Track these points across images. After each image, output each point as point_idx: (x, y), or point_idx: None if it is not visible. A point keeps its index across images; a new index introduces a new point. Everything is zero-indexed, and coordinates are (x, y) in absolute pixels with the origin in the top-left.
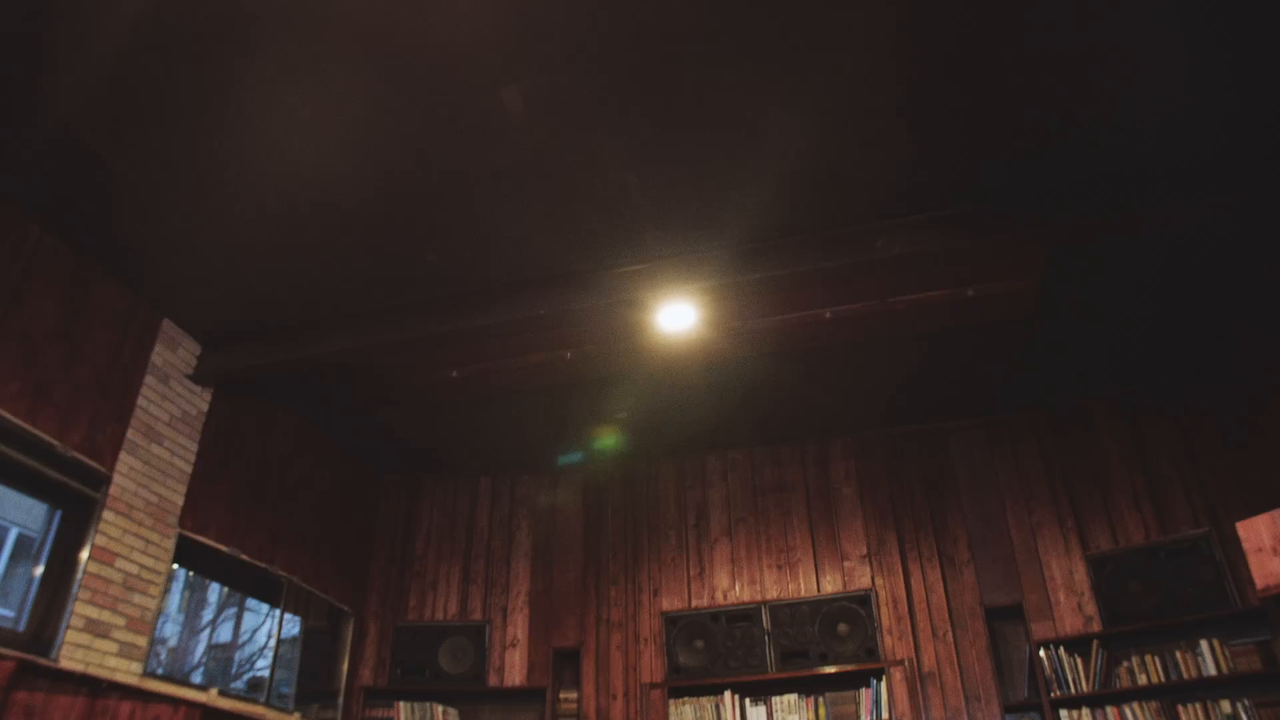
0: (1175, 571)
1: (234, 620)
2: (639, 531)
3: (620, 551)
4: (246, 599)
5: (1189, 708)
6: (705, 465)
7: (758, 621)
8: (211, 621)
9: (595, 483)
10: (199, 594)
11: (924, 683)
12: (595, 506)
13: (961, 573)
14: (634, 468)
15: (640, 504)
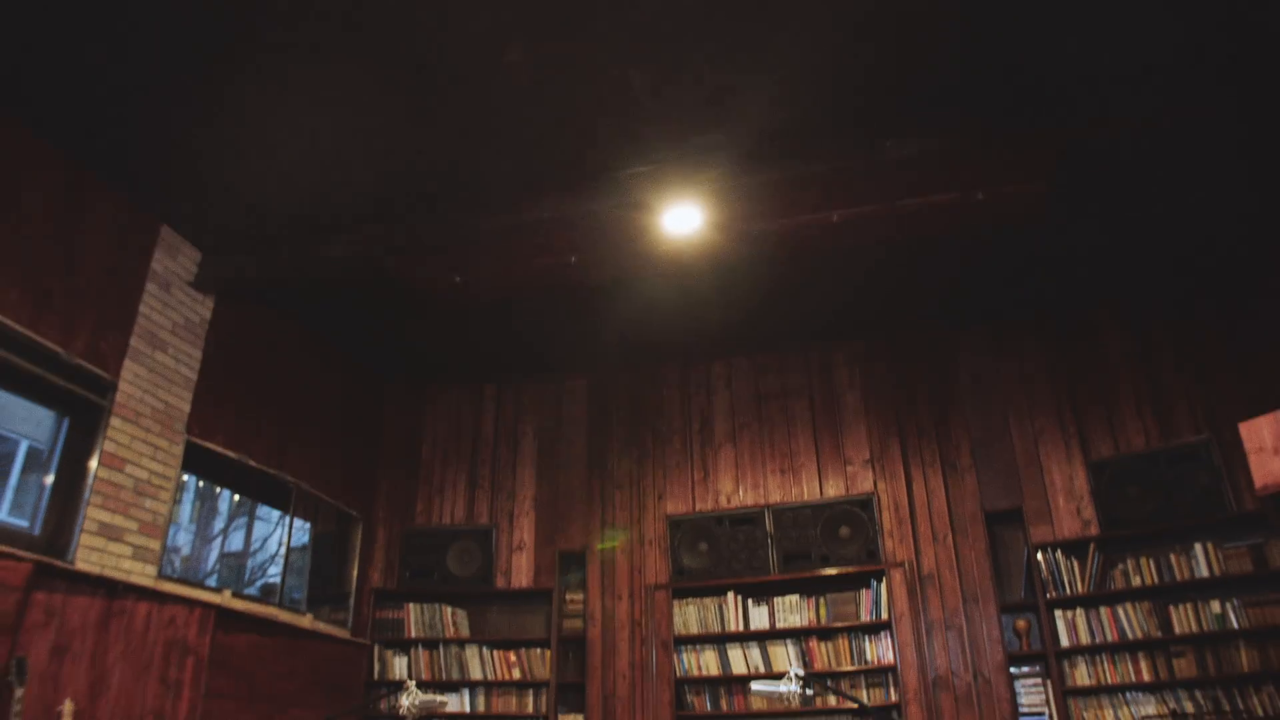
0: (1174, 477)
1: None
2: (643, 437)
3: (625, 457)
4: (257, 508)
5: (1180, 608)
6: (710, 372)
7: (761, 525)
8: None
9: (600, 389)
10: (209, 503)
11: (923, 584)
12: (600, 412)
13: (963, 478)
14: (639, 374)
15: (645, 410)
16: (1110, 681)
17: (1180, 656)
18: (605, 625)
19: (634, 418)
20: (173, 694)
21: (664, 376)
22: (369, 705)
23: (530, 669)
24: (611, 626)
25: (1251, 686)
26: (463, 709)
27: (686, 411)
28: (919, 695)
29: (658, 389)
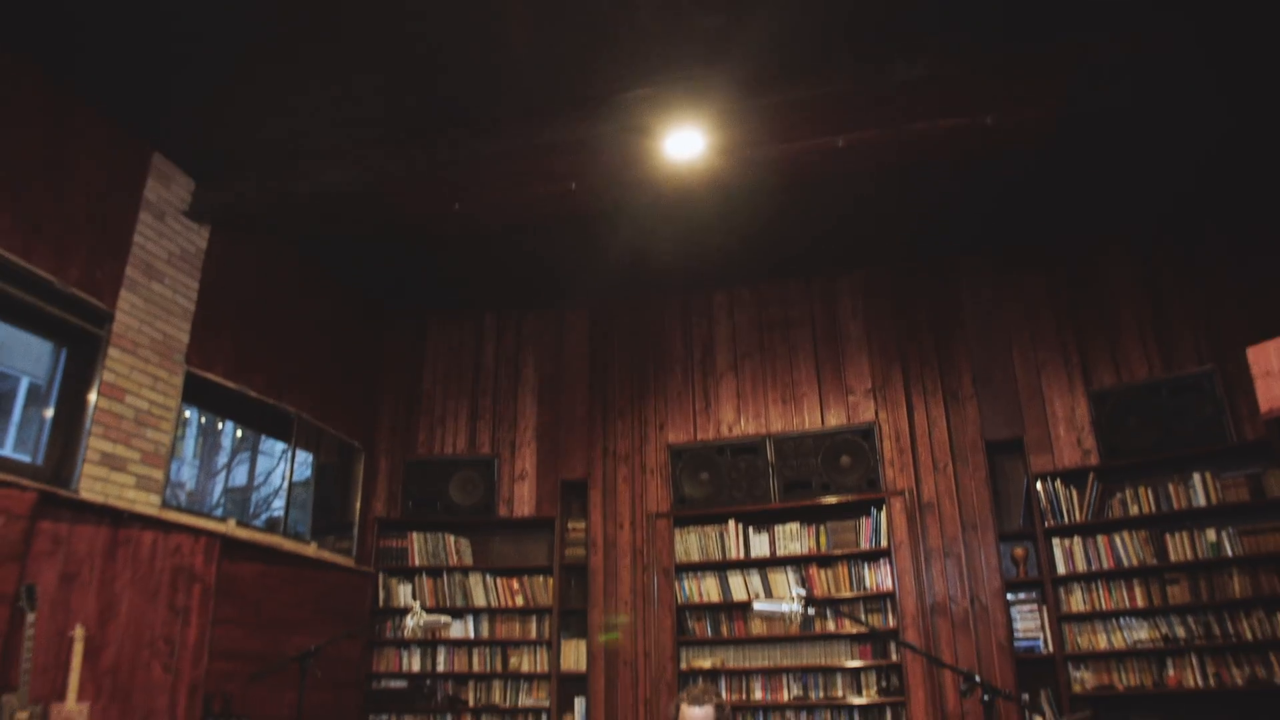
0: (1175, 408)
1: (249, 463)
2: (645, 367)
3: (626, 386)
4: (260, 442)
5: (1176, 536)
6: (712, 301)
7: (762, 454)
8: (226, 465)
9: (601, 319)
10: (212, 439)
11: (923, 512)
12: (601, 342)
13: (964, 407)
14: (640, 304)
15: (646, 340)
16: (1104, 607)
17: (1174, 584)
18: (607, 553)
19: (635, 347)
20: (181, 620)
21: (665, 306)
22: (375, 630)
23: (533, 596)
24: (613, 554)
25: (1242, 611)
26: (467, 635)
27: (688, 341)
28: (916, 621)
29: (659, 319)
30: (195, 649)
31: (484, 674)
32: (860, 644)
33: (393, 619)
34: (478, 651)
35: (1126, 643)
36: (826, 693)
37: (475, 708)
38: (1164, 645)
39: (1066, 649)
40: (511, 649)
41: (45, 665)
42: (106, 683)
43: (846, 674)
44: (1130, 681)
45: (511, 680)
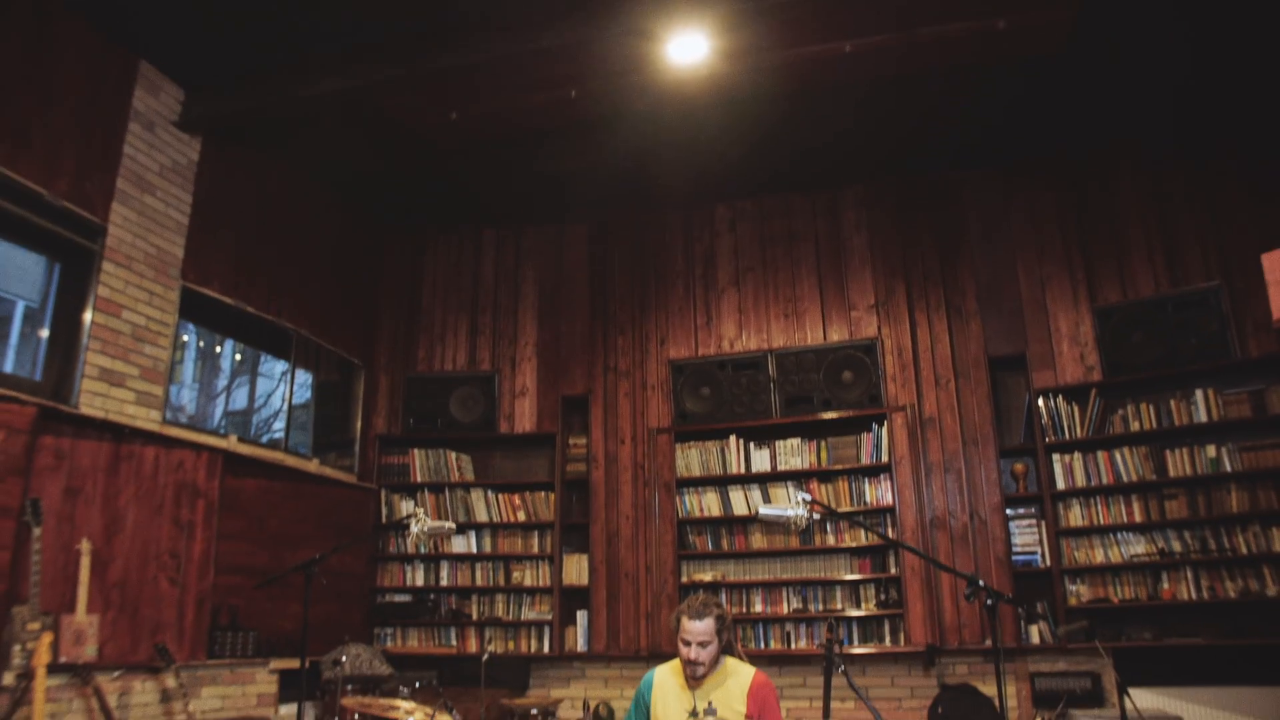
0: (1180, 324)
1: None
2: (646, 281)
3: (627, 301)
4: (260, 363)
5: (1176, 452)
6: (714, 215)
7: (764, 369)
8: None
9: (601, 233)
10: (211, 362)
11: (924, 428)
12: (601, 257)
13: (968, 323)
14: (641, 218)
15: (647, 254)
16: (1102, 522)
17: (1172, 499)
18: (608, 468)
19: (636, 262)
20: (186, 535)
21: (666, 220)
22: (378, 545)
23: (535, 511)
24: (614, 470)
25: (1238, 526)
26: (469, 549)
27: (689, 255)
28: (916, 535)
29: (660, 233)
30: (201, 563)
31: (487, 588)
32: (859, 558)
33: (396, 534)
34: (480, 566)
35: (1123, 557)
36: (826, 605)
37: (479, 621)
38: (1160, 559)
39: (1064, 563)
40: (514, 563)
41: (54, 579)
42: (115, 596)
43: (845, 587)
44: (1125, 594)
45: (514, 594)
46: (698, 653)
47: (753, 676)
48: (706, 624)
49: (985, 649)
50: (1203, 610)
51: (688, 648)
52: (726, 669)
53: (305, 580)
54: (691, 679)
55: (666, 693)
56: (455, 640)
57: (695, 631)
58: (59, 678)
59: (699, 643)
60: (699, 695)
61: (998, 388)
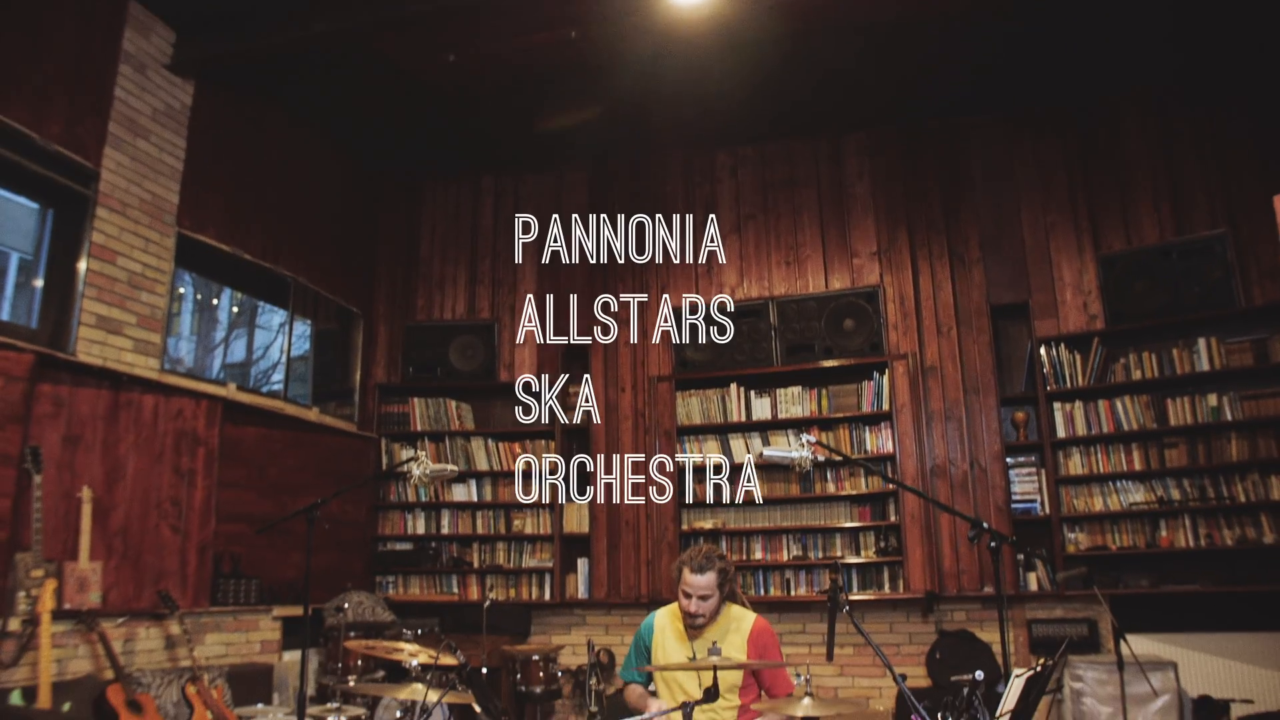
0: (1185, 272)
1: (246, 338)
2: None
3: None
4: (257, 315)
5: (1177, 401)
6: (714, 160)
7: (765, 317)
8: (224, 340)
9: (602, 180)
10: (208, 314)
11: (925, 376)
12: (601, 204)
13: (970, 271)
14: (641, 164)
15: (647, 201)
16: (1102, 470)
17: (1172, 447)
18: (609, 417)
19: (636, 209)
20: (187, 483)
21: (667, 167)
22: (379, 494)
23: (536, 460)
24: (615, 418)
25: (1237, 475)
26: (469, 498)
27: (690, 201)
28: (916, 482)
29: (661, 180)
30: (202, 511)
31: (488, 536)
32: (859, 505)
33: (397, 483)
34: (481, 514)
35: (1122, 505)
36: (825, 552)
37: (480, 568)
38: (1158, 507)
39: (1063, 511)
40: (514, 511)
41: (55, 526)
42: (117, 543)
43: (845, 534)
44: (1123, 542)
45: (515, 542)
46: (698, 605)
47: (753, 622)
48: (708, 578)
49: (983, 596)
50: (1200, 558)
51: (688, 600)
52: (728, 616)
53: (307, 524)
54: (691, 628)
55: (667, 637)
56: (457, 588)
57: (696, 585)
58: (64, 624)
59: (700, 596)
60: (699, 643)
61: (999, 336)
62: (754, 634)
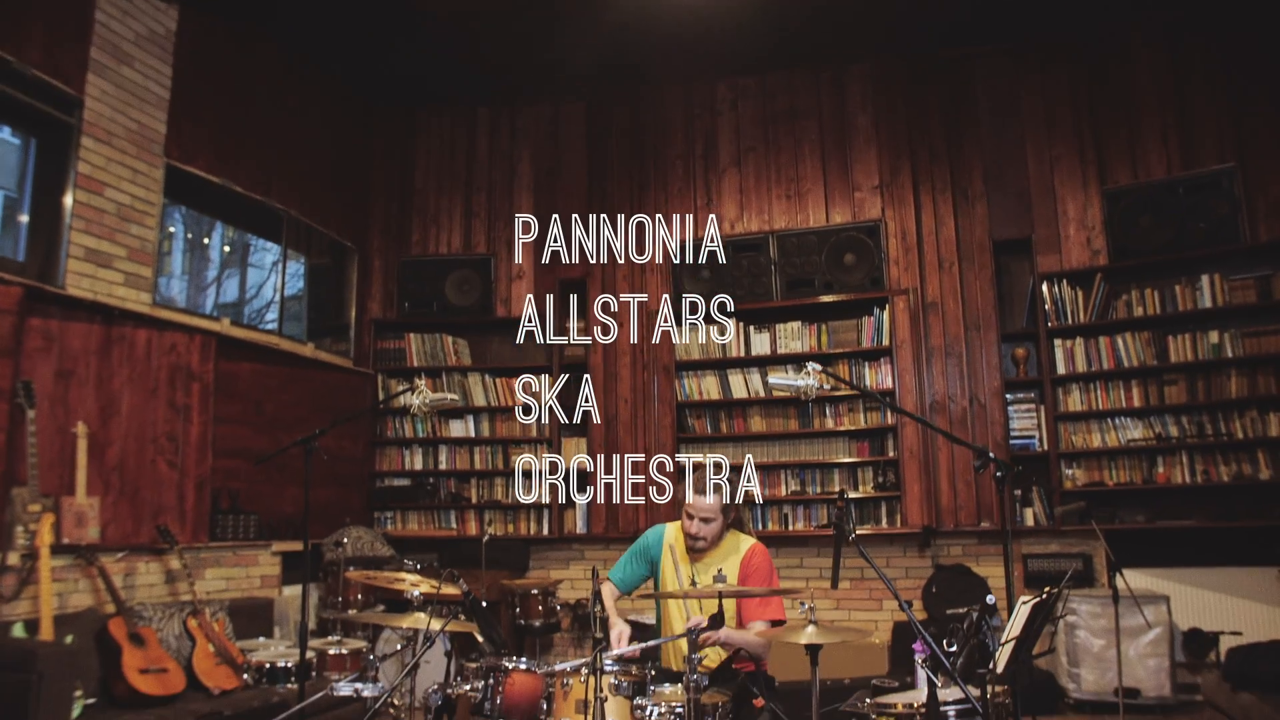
0: (1191, 207)
1: (238, 278)
2: (644, 161)
3: (625, 182)
4: (249, 255)
5: (1178, 338)
6: (714, 92)
7: (765, 251)
8: (216, 279)
9: (599, 112)
10: (200, 253)
11: (926, 312)
12: (599, 136)
13: (973, 206)
14: (640, 96)
15: (646, 133)
16: (1101, 407)
17: (1172, 384)
18: (606, 352)
19: (634, 142)
20: (183, 418)
21: (666, 99)
22: (375, 429)
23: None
24: (613, 354)
25: (1236, 411)
26: (467, 433)
27: (689, 135)
28: None
29: (659, 112)
30: (199, 446)
31: (485, 471)
32: (858, 440)
33: (394, 418)
34: (479, 450)
35: (1120, 441)
36: (823, 487)
37: (478, 504)
38: (1156, 444)
39: (1061, 447)
40: (512, 447)
41: (51, 461)
42: (114, 479)
43: (843, 469)
44: (1120, 478)
45: (513, 477)
46: (699, 527)
47: (749, 546)
48: (711, 501)
49: (980, 531)
50: (1196, 494)
51: (690, 521)
52: (729, 544)
53: (305, 455)
54: (691, 551)
55: (674, 556)
56: (455, 523)
57: (699, 507)
58: (63, 559)
59: (701, 518)
60: (699, 567)
61: (1001, 272)
62: (746, 557)
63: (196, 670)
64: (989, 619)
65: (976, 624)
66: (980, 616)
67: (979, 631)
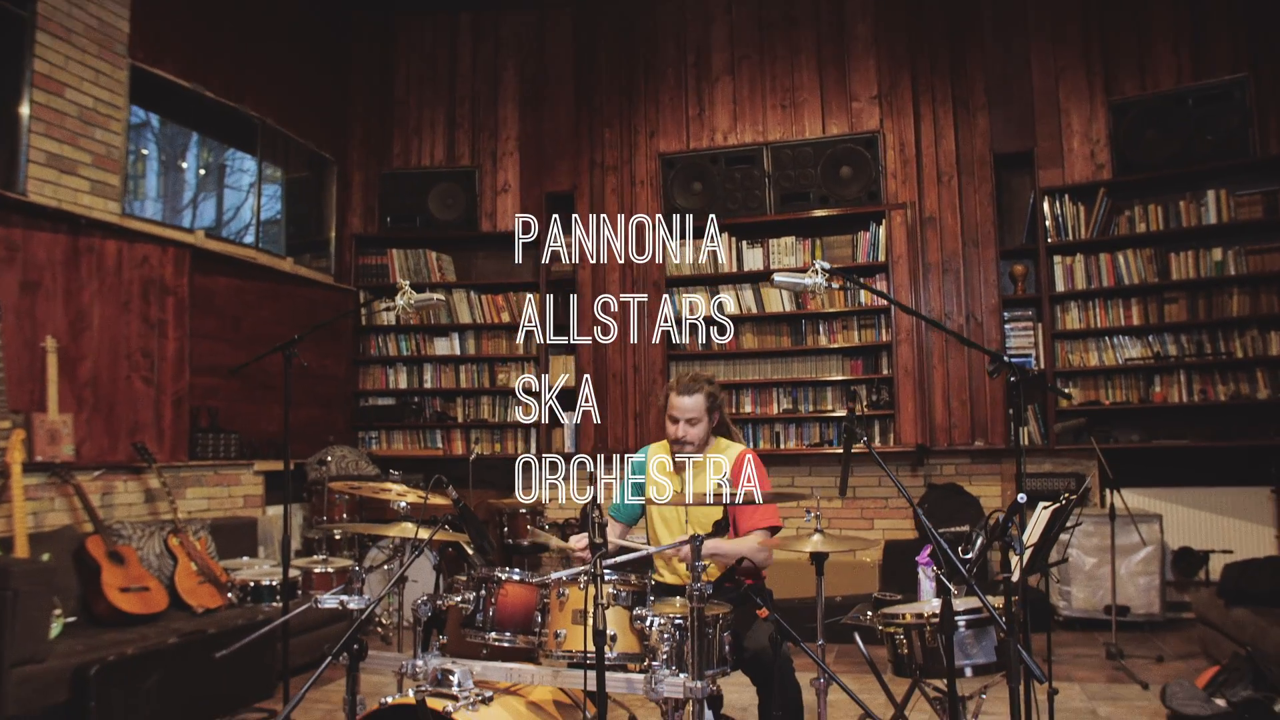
0: (1200, 119)
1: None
2: (634, 70)
3: (614, 92)
4: (225, 176)
5: (1181, 255)
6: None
7: (758, 163)
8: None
9: (586, 17)
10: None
11: (923, 227)
12: (587, 44)
13: (975, 118)
14: (629, 2)
15: (636, 40)
16: (1099, 325)
17: (1173, 302)
18: (595, 269)
19: (624, 50)
20: (157, 333)
21: (656, 5)
22: (358, 347)
23: (519, 312)
24: (602, 270)
25: (1237, 330)
26: (453, 351)
27: (681, 42)
28: (910, 335)
29: (650, 18)
30: (175, 362)
31: (471, 390)
32: (851, 359)
33: (377, 336)
34: (464, 368)
35: (1117, 360)
36: (816, 406)
37: (464, 423)
38: (1154, 363)
39: (1057, 365)
40: (499, 365)
41: (20, 377)
42: (87, 395)
43: (836, 387)
44: (1117, 397)
45: (500, 396)
46: (685, 430)
47: (739, 451)
48: (695, 400)
49: (974, 450)
50: (1192, 413)
51: (675, 425)
52: (717, 448)
53: (284, 363)
54: (678, 458)
55: (657, 471)
56: (441, 443)
57: (684, 407)
58: (37, 476)
59: (687, 419)
60: (687, 476)
61: (1001, 187)
62: (737, 463)
63: (179, 589)
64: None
65: (1003, 525)
66: (1008, 518)
67: (1005, 532)
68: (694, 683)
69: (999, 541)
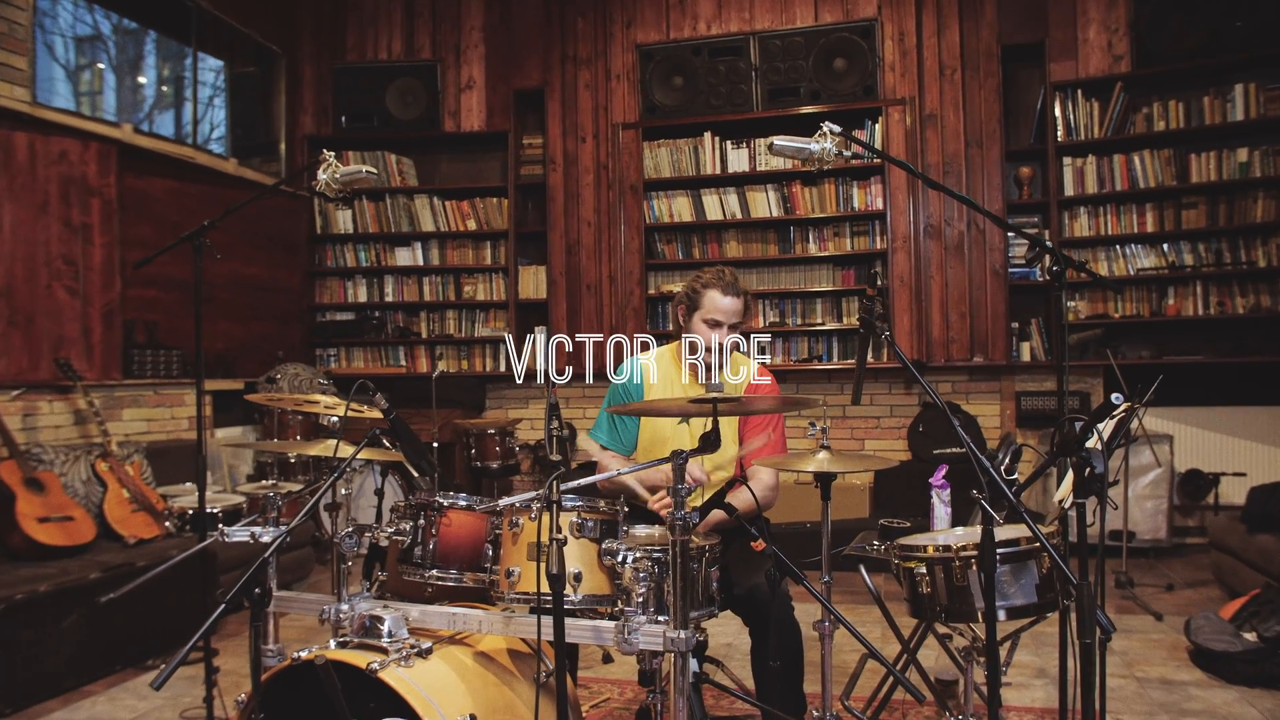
0: (1229, 5)
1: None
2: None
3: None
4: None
5: (1202, 156)
6: None
7: (745, 55)
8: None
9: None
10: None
11: (923, 125)
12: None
13: (981, 5)
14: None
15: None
16: (1110, 233)
17: (1191, 208)
18: (567, 170)
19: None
20: (81, 239)
21: None
22: (313, 258)
23: (486, 219)
24: (575, 172)
25: (1259, 238)
26: (415, 261)
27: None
28: (907, 243)
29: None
30: (104, 271)
31: (436, 303)
32: (843, 268)
33: (332, 246)
34: (428, 280)
35: (1129, 270)
36: (805, 319)
37: (429, 339)
38: (1168, 273)
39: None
40: (465, 276)
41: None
42: (2, 306)
43: (827, 299)
44: (1127, 310)
45: (466, 309)
46: (725, 336)
47: (756, 367)
48: (739, 303)
49: (972, 366)
50: (1206, 327)
51: (716, 329)
52: (734, 362)
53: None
54: (702, 369)
55: (668, 385)
56: (404, 360)
57: (728, 310)
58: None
59: (730, 325)
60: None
61: (1009, 82)
62: (753, 378)
63: (109, 518)
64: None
65: (1081, 435)
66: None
67: (1083, 442)
68: (676, 632)
69: (1074, 456)
